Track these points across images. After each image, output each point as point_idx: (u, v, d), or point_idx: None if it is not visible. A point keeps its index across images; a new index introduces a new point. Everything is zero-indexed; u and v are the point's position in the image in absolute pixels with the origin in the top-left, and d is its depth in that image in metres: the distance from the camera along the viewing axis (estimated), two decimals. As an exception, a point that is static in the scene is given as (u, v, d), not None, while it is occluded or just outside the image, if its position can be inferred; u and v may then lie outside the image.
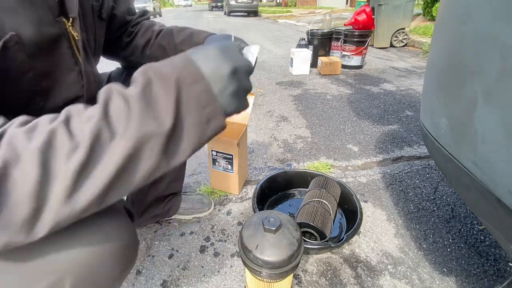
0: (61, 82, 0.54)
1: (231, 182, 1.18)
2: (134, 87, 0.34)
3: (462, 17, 0.54)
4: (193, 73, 0.35)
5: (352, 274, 0.86)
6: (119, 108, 0.32)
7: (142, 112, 0.32)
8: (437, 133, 0.65)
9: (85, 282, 0.39)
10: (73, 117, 0.32)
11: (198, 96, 0.35)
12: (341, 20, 6.90)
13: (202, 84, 0.35)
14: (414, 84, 2.62)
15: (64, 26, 0.51)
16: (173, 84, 0.34)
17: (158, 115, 0.33)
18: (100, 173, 0.31)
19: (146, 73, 0.35)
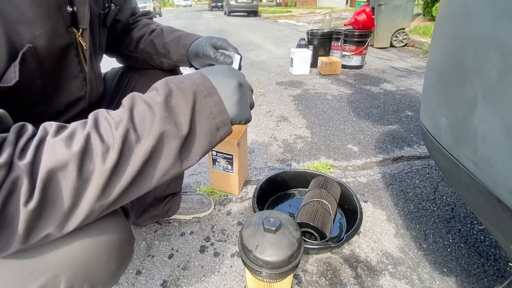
0: (65, 88, 0.55)
1: (231, 182, 1.18)
2: (157, 96, 0.38)
3: (462, 17, 0.54)
4: (208, 88, 0.41)
5: (352, 274, 0.86)
6: (144, 113, 0.36)
7: (164, 118, 0.37)
8: (437, 133, 0.65)
9: (81, 278, 0.40)
10: (101, 122, 0.35)
11: (211, 107, 0.41)
12: (341, 20, 6.90)
13: (215, 97, 0.41)
14: (414, 84, 2.62)
15: (74, 36, 0.52)
16: (191, 95, 0.39)
17: (176, 121, 0.38)
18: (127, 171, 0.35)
19: (168, 84, 0.40)
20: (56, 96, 0.54)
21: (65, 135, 0.33)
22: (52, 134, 0.33)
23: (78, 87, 0.58)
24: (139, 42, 0.76)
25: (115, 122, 0.35)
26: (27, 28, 0.43)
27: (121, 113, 0.36)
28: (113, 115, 0.36)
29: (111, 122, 0.35)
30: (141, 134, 0.36)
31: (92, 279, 0.41)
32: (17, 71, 0.42)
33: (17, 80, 0.42)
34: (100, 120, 0.36)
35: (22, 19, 0.42)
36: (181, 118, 0.38)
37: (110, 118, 0.36)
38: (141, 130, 0.36)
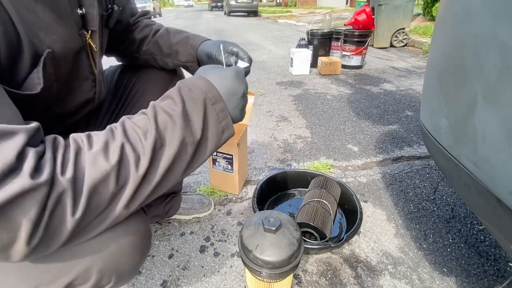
0: (76, 90, 0.56)
1: (231, 182, 1.18)
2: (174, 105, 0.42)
3: (462, 17, 0.54)
4: (215, 96, 0.45)
5: (352, 274, 0.86)
6: (166, 123, 0.41)
7: (183, 127, 0.41)
8: (437, 133, 0.65)
9: (110, 270, 0.44)
10: (130, 132, 0.39)
11: (218, 113, 0.45)
12: (341, 20, 6.90)
13: (221, 104, 0.46)
14: (414, 84, 2.62)
15: (84, 39, 0.53)
16: (201, 104, 0.44)
17: (192, 129, 0.43)
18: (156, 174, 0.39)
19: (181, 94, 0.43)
20: (69, 98, 0.55)
21: (100, 147, 0.36)
22: (87, 146, 0.36)
23: (88, 88, 0.59)
24: (142, 44, 0.76)
25: (143, 132, 0.39)
26: (46, 33, 0.43)
27: (146, 122, 0.40)
28: (139, 124, 0.40)
29: (139, 132, 0.39)
30: (165, 141, 0.40)
31: (118, 270, 0.46)
32: (41, 77, 0.43)
33: (42, 86, 0.43)
34: (128, 130, 0.39)
35: (40, 25, 0.43)
36: (195, 126, 0.43)
37: (137, 128, 0.39)
38: (165, 138, 0.40)
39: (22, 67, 0.41)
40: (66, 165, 0.33)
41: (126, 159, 0.37)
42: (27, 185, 0.29)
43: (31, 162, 0.31)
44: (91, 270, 0.43)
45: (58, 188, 0.32)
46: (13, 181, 0.29)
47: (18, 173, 0.30)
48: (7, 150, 0.29)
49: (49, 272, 0.41)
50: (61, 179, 0.32)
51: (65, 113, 0.57)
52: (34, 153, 0.31)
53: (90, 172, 0.34)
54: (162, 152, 0.40)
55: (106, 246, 0.43)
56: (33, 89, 0.43)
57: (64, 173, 0.33)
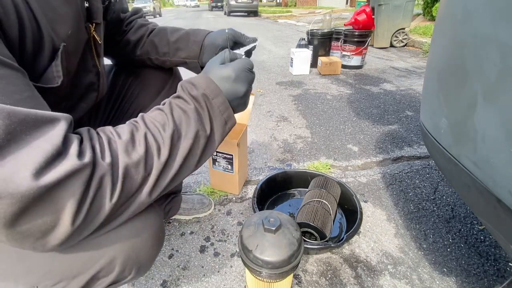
0: (82, 82, 0.57)
1: (231, 182, 1.18)
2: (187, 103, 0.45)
3: (462, 17, 0.54)
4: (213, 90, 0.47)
5: (352, 274, 0.86)
6: (181, 117, 0.44)
7: (196, 120, 0.45)
8: (437, 133, 0.65)
9: (131, 261, 0.46)
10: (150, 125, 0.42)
11: (219, 106, 0.48)
12: (341, 20, 6.90)
13: (220, 97, 0.48)
14: (414, 84, 2.62)
15: (89, 31, 0.54)
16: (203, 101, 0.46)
17: (203, 123, 0.46)
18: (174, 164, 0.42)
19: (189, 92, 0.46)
20: (74, 92, 0.56)
21: (128, 137, 0.39)
22: (117, 136, 0.39)
23: (92, 81, 0.60)
24: (138, 45, 0.75)
25: (161, 125, 0.42)
26: (62, 27, 0.45)
27: (163, 117, 0.43)
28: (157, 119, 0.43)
29: (157, 125, 0.42)
30: (181, 134, 0.43)
31: (139, 262, 0.48)
32: (59, 70, 0.44)
33: (61, 79, 0.45)
34: (148, 124, 0.42)
35: (57, 19, 0.44)
36: (205, 120, 0.46)
37: (156, 122, 0.42)
38: (181, 131, 0.43)
39: (42, 61, 0.42)
40: (103, 151, 0.36)
41: (150, 148, 0.39)
42: (75, 166, 0.31)
43: (76, 146, 0.33)
44: (115, 262, 0.44)
45: (100, 171, 0.34)
46: (62, 162, 0.31)
47: (65, 156, 0.32)
48: (54, 135, 0.31)
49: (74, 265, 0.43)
50: (102, 162, 0.34)
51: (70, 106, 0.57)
52: (76, 138, 0.34)
53: (123, 158, 0.36)
54: (180, 143, 0.43)
55: (128, 239, 0.45)
56: (52, 82, 0.44)
57: (104, 158, 0.35)
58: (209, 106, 0.47)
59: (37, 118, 0.31)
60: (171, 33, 0.74)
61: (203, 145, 0.46)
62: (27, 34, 0.38)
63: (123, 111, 0.79)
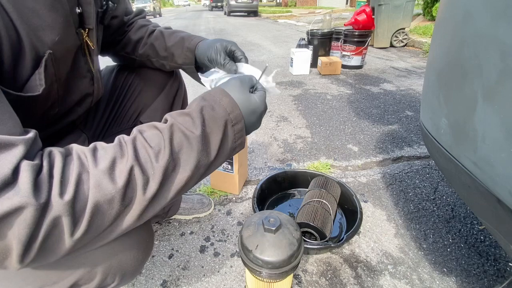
0: (75, 88, 0.56)
1: (231, 182, 1.18)
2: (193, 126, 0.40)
3: (462, 17, 0.54)
4: (237, 117, 0.44)
5: (352, 274, 0.86)
6: (182, 145, 0.39)
7: (200, 151, 0.40)
8: (437, 133, 0.65)
9: (114, 269, 0.45)
10: (140, 151, 0.37)
11: (236, 134, 0.45)
12: (341, 20, 6.90)
13: (241, 124, 0.45)
14: (414, 84, 2.62)
15: (82, 37, 0.53)
16: (222, 126, 0.43)
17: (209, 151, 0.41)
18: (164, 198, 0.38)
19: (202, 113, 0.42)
20: (68, 97, 0.55)
21: (107, 166, 0.34)
22: (92, 164, 0.34)
23: (87, 86, 0.59)
24: (138, 45, 0.76)
25: (154, 153, 0.37)
26: (46, 34, 0.43)
27: (160, 142, 0.38)
28: (152, 143, 0.38)
29: (150, 152, 0.37)
30: (179, 165, 0.38)
31: (123, 270, 0.46)
32: (42, 78, 0.43)
33: (43, 87, 0.43)
34: (139, 150, 0.37)
35: (42, 26, 0.42)
36: (212, 147, 0.42)
37: (148, 148, 0.37)
38: (179, 161, 0.38)
39: (24, 69, 0.41)
40: (66, 184, 0.31)
41: (133, 182, 0.35)
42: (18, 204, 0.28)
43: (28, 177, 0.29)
44: (96, 269, 0.43)
45: (54, 212, 0.30)
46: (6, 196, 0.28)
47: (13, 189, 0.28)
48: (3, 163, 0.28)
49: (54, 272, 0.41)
50: (57, 201, 0.30)
51: (64, 112, 0.57)
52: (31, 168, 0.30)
53: (94, 194, 0.32)
54: (175, 175, 0.38)
55: (110, 246, 0.43)
56: (34, 90, 0.42)
57: (63, 194, 0.31)
58: (227, 132, 0.43)
59: None
60: (168, 37, 0.74)
61: (202, 173, 0.42)
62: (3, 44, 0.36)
63: (124, 110, 0.79)
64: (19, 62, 0.40)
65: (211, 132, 0.42)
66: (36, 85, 0.42)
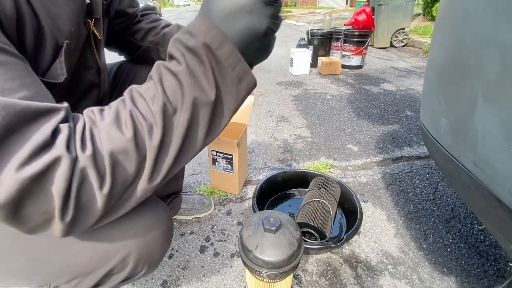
0: (82, 79, 0.57)
1: (231, 182, 1.18)
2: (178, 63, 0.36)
3: (462, 17, 0.54)
4: (216, 38, 0.35)
5: (352, 274, 0.86)
6: (173, 85, 0.36)
7: (191, 85, 0.35)
8: (437, 133, 0.65)
9: (144, 257, 0.47)
10: (137, 100, 0.36)
11: (226, 59, 0.36)
12: (341, 20, 6.90)
13: (227, 46, 0.35)
14: (414, 84, 2.62)
15: (88, 27, 0.53)
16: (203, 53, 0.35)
17: (202, 86, 0.36)
18: (173, 143, 0.36)
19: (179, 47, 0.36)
20: (76, 88, 0.56)
21: (112, 118, 0.35)
22: (99, 119, 0.35)
23: (93, 77, 0.59)
24: (149, 33, 0.77)
25: (150, 98, 0.35)
26: (65, 24, 0.45)
27: (153, 87, 0.36)
28: (146, 91, 0.36)
29: (146, 98, 0.36)
30: (176, 106, 0.36)
31: (151, 258, 0.48)
32: (64, 68, 0.44)
33: (65, 76, 0.44)
34: (136, 98, 0.36)
35: (61, 15, 0.43)
36: (205, 82, 0.36)
37: (144, 94, 0.36)
38: (175, 102, 0.36)
39: (45, 58, 0.42)
40: (84, 141, 0.33)
41: (140, 130, 0.35)
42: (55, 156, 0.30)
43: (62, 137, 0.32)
44: (128, 258, 0.45)
45: (80, 165, 0.32)
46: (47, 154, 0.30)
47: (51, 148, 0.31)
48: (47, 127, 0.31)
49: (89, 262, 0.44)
50: (82, 156, 0.32)
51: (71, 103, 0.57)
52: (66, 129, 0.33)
53: (107, 146, 0.33)
54: (175, 117, 0.36)
55: (141, 236, 0.45)
56: (56, 79, 0.44)
57: (84, 149, 0.33)
58: (211, 61, 0.35)
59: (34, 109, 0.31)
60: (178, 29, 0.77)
61: (208, 115, 0.37)
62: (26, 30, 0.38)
63: None
64: (41, 49, 0.41)
65: (196, 64, 0.35)
66: (58, 74, 0.44)
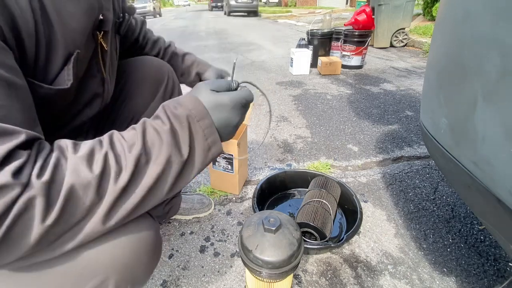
0: (87, 88, 0.58)
1: (231, 182, 1.18)
2: (162, 124, 0.41)
3: (462, 17, 0.54)
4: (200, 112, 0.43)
5: (352, 274, 0.86)
6: (154, 140, 0.39)
7: (170, 144, 0.40)
8: (437, 133, 0.65)
9: (126, 279, 0.44)
10: (116, 143, 0.38)
11: (204, 130, 0.43)
12: (341, 20, 6.90)
13: (207, 120, 0.43)
14: (414, 84, 2.62)
15: (97, 39, 0.56)
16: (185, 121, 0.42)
17: (180, 147, 0.41)
18: (136, 191, 0.38)
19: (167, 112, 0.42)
20: (81, 96, 0.57)
21: (85, 154, 0.35)
22: (71, 151, 0.35)
23: (96, 86, 0.60)
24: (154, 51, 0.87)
25: (128, 145, 0.38)
26: (80, 36, 0.47)
27: (134, 136, 0.39)
28: (126, 138, 0.39)
29: (124, 144, 0.38)
30: (150, 157, 0.39)
31: (134, 279, 0.45)
32: (71, 74, 0.46)
33: (71, 82, 0.46)
34: (115, 142, 0.38)
35: (77, 28, 0.46)
36: (182, 144, 0.41)
37: (123, 141, 0.38)
38: (150, 154, 0.39)
39: (55, 66, 0.44)
40: (44, 168, 0.32)
41: (108, 170, 0.35)
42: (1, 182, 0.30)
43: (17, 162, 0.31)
44: (108, 282, 0.42)
45: (29, 193, 0.30)
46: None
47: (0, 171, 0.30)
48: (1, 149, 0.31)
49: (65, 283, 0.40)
50: (35, 182, 0.31)
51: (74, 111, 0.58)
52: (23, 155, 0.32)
53: (70, 177, 0.33)
54: (146, 168, 0.38)
55: (122, 258, 0.42)
56: (63, 85, 0.45)
57: (41, 176, 0.32)
58: (192, 128, 0.42)
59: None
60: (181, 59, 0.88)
61: (176, 172, 0.41)
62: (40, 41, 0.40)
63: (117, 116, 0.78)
64: (51, 58, 0.43)
65: (178, 128, 0.41)
66: (64, 80, 0.45)
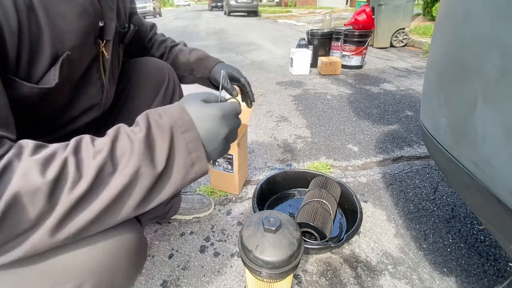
0: (85, 94, 0.58)
1: (231, 182, 1.18)
2: (139, 131, 0.38)
3: (462, 17, 0.54)
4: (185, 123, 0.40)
5: (352, 274, 0.86)
6: (124, 147, 0.36)
7: (141, 155, 0.36)
8: (437, 133, 0.65)
9: (104, 285, 0.41)
10: (82, 148, 0.35)
11: (188, 143, 0.39)
12: (341, 20, 6.90)
13: (192, 132, 0.40)
14: (414, 84, 2.62)
15: (98, 47, 0.56)
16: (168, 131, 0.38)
17: (153, 158, 0.37)
18: (95, 203, 0.34)
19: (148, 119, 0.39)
20: (75, 101, 0.57)
21: (43, 157, 0.32)
22: (29, 153, 0.32)
23: (95, 93, 0.60)
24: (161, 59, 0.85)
25: (94, 152, 0.34)
26: (70, 38, 0.46)
27: (103, 143, 0.36)
28: (96, 144, 0.36)
29: (90, 150, 0.35)
30: (117, 167, 0.35)
31: (113, 284, 0.42)
32: (57, 74, 0.45)
33: (57, 82, 0.45)
34: (81, 146, 0.35)
35: (67, 30, 0.45)
36: (158, 155, 0.37)
37: (91, 147, 0.35)
38: (117, 163, 0.35)
39: (40, 66, 0.43)
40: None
41: (64, 176, 0.32)
42: None
43: None
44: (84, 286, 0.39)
45: None
46: None
47: None
48: None
49: None
50: None
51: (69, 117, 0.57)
52: None
53: (16, 182, 0.30)
54: (110, 178, 0.34)
55: (100, 259, 0.39)
56: (48, 84, 0.44)
57: None
58: (174, 140, 0.38)
59: None
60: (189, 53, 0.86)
61: (147, 186, 0.37)
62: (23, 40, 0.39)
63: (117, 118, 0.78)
64: (37, 58, 0.42)
65: (156, 138, 0.38)
66: (50, 80, 0.44)
